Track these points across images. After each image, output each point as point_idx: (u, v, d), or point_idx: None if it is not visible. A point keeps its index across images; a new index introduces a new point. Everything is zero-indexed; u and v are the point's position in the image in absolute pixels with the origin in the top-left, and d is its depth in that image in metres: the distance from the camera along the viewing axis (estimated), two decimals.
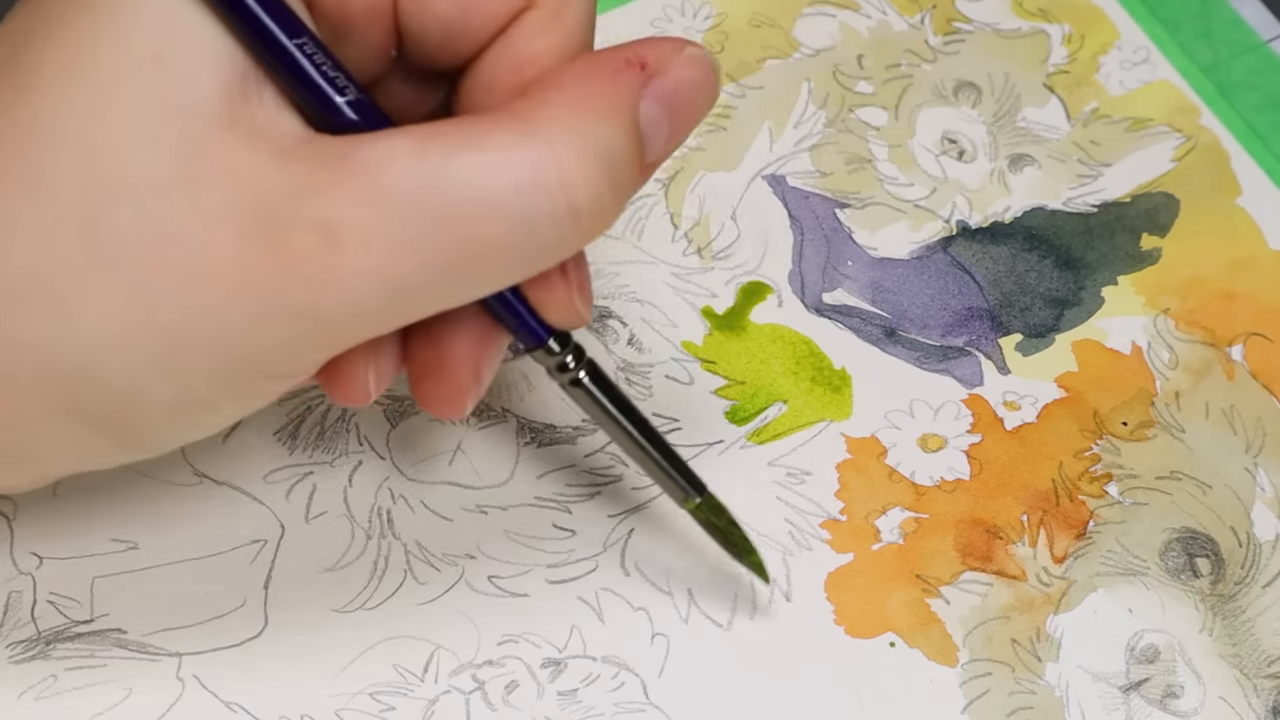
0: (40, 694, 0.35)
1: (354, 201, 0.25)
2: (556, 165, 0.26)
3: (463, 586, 0.37)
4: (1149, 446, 0.40)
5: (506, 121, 0.26)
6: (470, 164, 0.25)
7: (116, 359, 0.26)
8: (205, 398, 0.27)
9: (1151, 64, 0.46)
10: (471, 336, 0.31)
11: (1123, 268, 0.43)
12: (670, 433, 0.39)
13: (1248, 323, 0.42)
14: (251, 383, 0.27)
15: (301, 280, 0.25)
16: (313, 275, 0.25)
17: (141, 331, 0.26)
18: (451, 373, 0.31)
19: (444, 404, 0.31)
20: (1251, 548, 0.38)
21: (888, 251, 0.43)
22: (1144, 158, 0.45)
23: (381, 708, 0.35)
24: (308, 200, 0.25)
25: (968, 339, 0.41)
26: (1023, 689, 0.36)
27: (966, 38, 0.47)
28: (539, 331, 0.30)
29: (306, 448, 0.38)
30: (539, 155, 0.26)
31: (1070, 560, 0.38)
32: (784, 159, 0.44)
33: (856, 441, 0.39)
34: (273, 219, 0.25)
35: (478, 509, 0.38)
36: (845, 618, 0.37)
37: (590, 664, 0.36)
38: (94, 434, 0.28)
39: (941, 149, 0.44)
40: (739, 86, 0.45)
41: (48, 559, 0.36)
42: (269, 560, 0.37)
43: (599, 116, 0.26)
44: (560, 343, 0.31)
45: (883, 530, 0.38)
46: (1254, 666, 0.37)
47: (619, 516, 0.38)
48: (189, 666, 0.35)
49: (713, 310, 0.41)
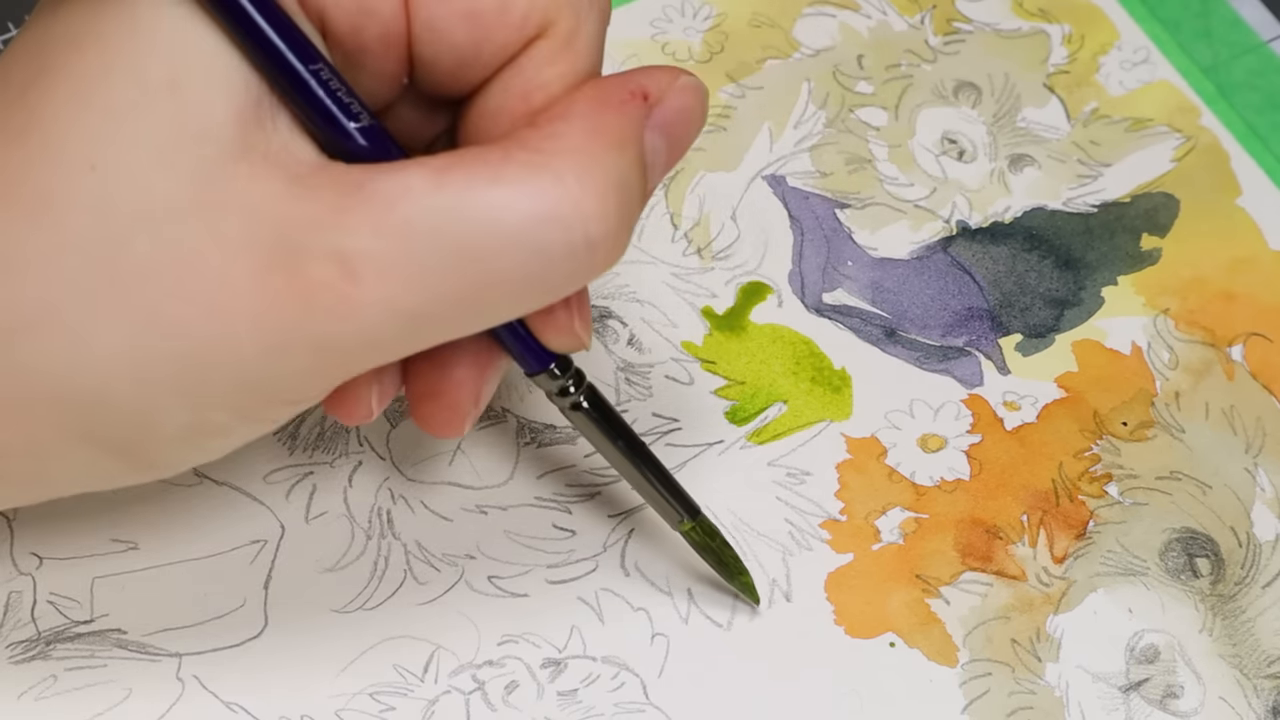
0: (40, 694, 0.35)
1: (371, 233, 0.25)
2: (572, 199, 0.26)
3: (463, 586, 0.37)
4: (1149, 447, 0.40)
5: (518, 154, 0.26)
6: (487, 197, 0.25)
7: (131, 386, 0.26)
8: (219, 423, 0.28)
9: (1151, 64, 0.46)
10: (473, 360, 0.31)
11: (1123, 268, 0.43)
12: (670, 433, 0.39)
13: (1248, 323, 0.42)
14: (265, 409, 0.28)
15: (319, 311, 0.25)
16: (329, 306, 0.25)
17: (158, 359, 0.26)
18: (452, 396, 0.31)
19: (443, 425, 0.32)
20: (1251, 548, 0.38)
21: (888, 251, 0.43)
22: (1144, 158, 0.45)
23: (381, 708, 0.35)
24: (325, 231, 0.25)
25: (968, 339, 0.41)
26: (1023, 689, 0.36)
27: (966, 38, 0.47)
28: (542, 357, 0.31)
29: (306, 448, 0.38)
30: (554, 188, 0.26)
31: (1070, 560, 0.38)
32: (784, 159, 0.44)
33: (856, 441, 0.39)
34: (290, 249, 0.25)
35: (478, 509, 0.38)
36: (845, 618, 0.37)
37: (590, 664, 0.36)
38: (107, 458, 0.28)
39: (941, 149, 0.44)
40: (739, 86, 0.45)
41: (48, 559, 0.36)
42: (269, 560, 0.37)
43: (610, 149, 0.26)
44: (561, 368, 0.31)
45: (883, 530, 0.38)
46: (1254, 666, 0.37)
47: (619, 517, 0.38)
48: (189, 667, 0.35)
49: (713, 310, 0.41)
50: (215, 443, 0.29)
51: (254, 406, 0.28)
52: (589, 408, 0.32)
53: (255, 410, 0.28)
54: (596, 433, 0.33)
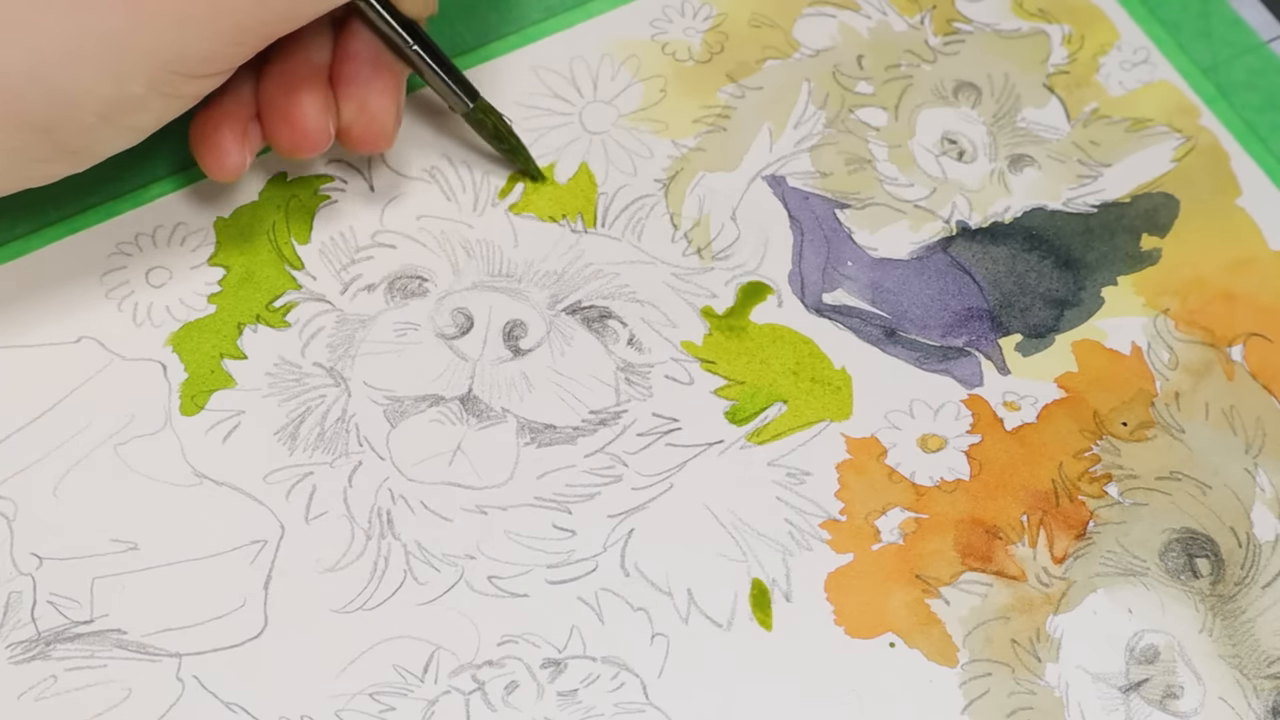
0: (40, 694, 0.35)
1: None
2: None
3: (463, 586, 0.37)
4: (1149, 447, 0.40)
5: None
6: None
7: (62, 67, 0.33)
8: (136, 96, 0.35)
9: (1151, 64, 0.46)
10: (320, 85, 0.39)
11: (1123, 268, 0.43)
12: (670, 433, 0.39)
13: (1248, 323, 0.42)
14: (178, 82, 0.35)
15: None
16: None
17: (85, 37, 0.33)
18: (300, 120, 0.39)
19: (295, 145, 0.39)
20: (1251, 548, 0.38)
21: (888, 252, 0.43)
22: (1144, 158, 0.45)
23: (381, 708, 0.35)
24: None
25: (968, 339, 0.41)
26: (1022, 689, 0.36)
27: (966, 38, 0.47)
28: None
29: (306, 448, 0.38)
30: None
31: (1070, 560, 0.38)
32: (784, 159, 0.44)
33: (856, 442, 0.39)
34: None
35: (478, 509, 0.38)
36: (845, 618, 0.37)
37: (590, 664, 0.36)
38: (37, 139, 0.34)
39: (941, 149, 0.44)
40: (739, 87, 0.45)
41: (48, 559, 0.36)
42: (269, 560, 0.37)
43: None
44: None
45: (883, 530, 0.38)
46: (1254, 667, 0.37)
47: (619, 516, 0.38)
48: (189, 667, 0.35)
49: (713, 310, 0.41)
50: (133, 119, 0.35)
51: (168, 80, 0.35)
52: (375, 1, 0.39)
53: (169, 83, 0.35)
54: (384, 24, 0.39)
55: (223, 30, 0.35)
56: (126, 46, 0.34)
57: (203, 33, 0.35)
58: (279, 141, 0.39)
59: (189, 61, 0.35)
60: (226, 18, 0.35)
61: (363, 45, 0.40)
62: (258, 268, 0.41)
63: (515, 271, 0.41)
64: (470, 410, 0.39)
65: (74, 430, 0.38)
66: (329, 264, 0.41)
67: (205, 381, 0.39)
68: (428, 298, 0.41)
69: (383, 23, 0.39)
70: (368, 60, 0.39)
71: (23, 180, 0.36)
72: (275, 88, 0.39)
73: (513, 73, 0.44)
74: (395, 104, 0.40)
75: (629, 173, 0.43)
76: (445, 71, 0.41)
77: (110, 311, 0.40)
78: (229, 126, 0.39)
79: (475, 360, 0.40)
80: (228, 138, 0.39)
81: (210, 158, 0.39)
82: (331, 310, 0.40)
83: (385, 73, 0.40)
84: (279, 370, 0.39)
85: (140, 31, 0.34)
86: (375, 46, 0.40)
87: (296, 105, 0.39)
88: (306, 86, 0.39)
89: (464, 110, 0.41)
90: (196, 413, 0.39)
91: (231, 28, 0.35)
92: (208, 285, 0.41)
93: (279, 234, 0.42)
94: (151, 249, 0.41)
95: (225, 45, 0.35)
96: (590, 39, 0.46)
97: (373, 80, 0.39)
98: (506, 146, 0.42)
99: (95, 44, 0.34)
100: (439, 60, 0.40)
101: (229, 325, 0.40)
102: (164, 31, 0.34)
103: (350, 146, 0.40)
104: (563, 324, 0.40)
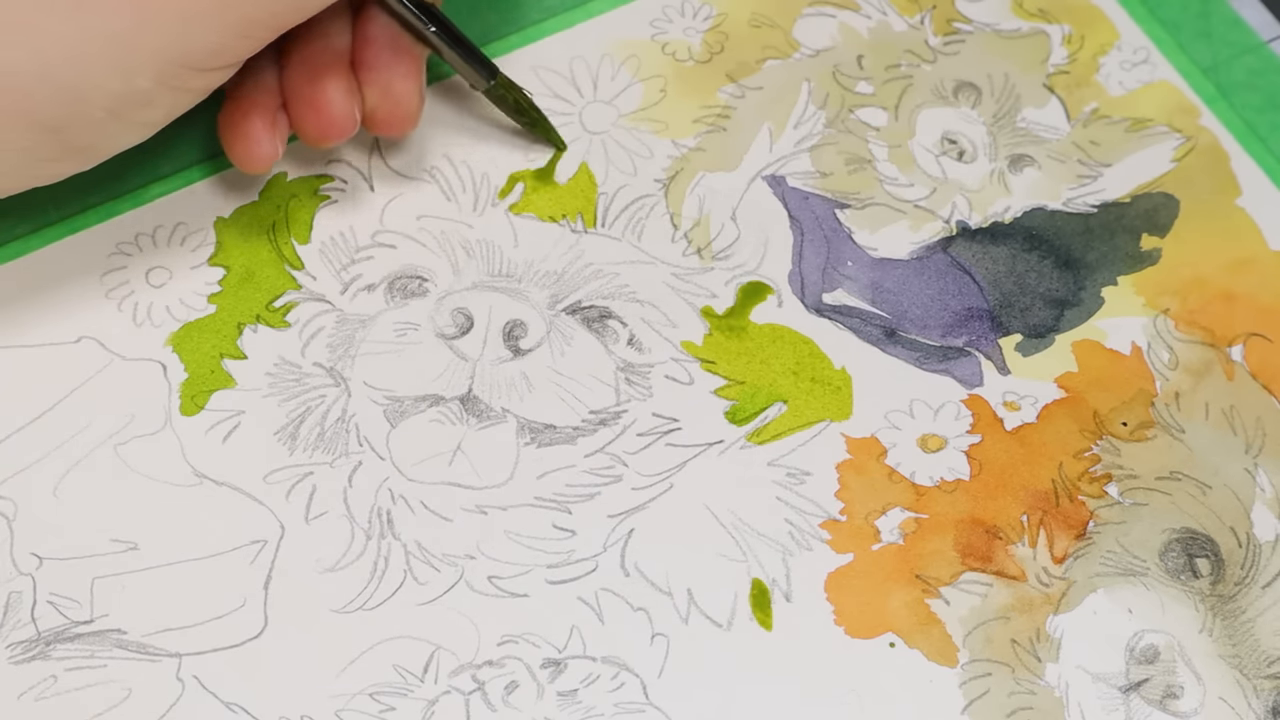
0: (40, 694, 0.35)
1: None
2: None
3: (463, 586, 0.37)
4: (1149, 447, 0.40)
5: None
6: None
7: (69, 66, 0.33)
8: (146, 91, 0.35)
9: (1151, 64, 0.46)
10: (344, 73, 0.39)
11: (1123, 268, 0.43)
12: (670, 433, 0.39)
13: (1247, 323, 0.42)
14: (186, 76, 0.35)
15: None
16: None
17: (93, 40, 0.33)
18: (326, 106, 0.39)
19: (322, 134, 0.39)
20: (1251, 548, 0.38)
21: (888, 252, 0.43)
22: (1144, 158, 0.45)
23: (381, 708, 0.35)
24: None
25: (968, 339, 0.41)
26: (1022, 689, 0.36)
27: (966, 38, 0.47)
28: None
29: (306, 448, 0.38)
30: None
31: (1070, 560, 0.38)
32: (784, 159, 0.44)
33: (856, 442, 0.39)
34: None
35: (478, 509, 0.38)
36: (845, 618, 0.37)
37: (590, 664, 0.36)
38: (45, 139, 0.34)
39: (941, 149, 0.44)
40: (739, 87, 0.45)
41: (48, 559, 0.36)
42: (269, 560, 0.37)
43: None
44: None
45: (883, 530, 0.38)
46: (1254, 667, 0.37)
47: (619, 516, 0.38)
48: (189, 667, 0.35)
49: (713, 310, 0.41)
50: (142, 113, 0.35)
51: (174, 74, 0.35)
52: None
53: (175, 78, 0.35)
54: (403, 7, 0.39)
55: (230, 23, 0.35)
56: (133, 44, 0.34)
57: (210, 27, 0.35)
58: (306, 129, 0.39)
59: (196, 56, 0.35)
60: (233, 11, 0.35)
61: (381, 29, 0.40)
62: (258, 268, 0.41)
63: (515, 271, 0.41)
64: (470, 410, 0.39)
65: (74, 430, 0.38)
66: (329, 264, 0.41)
67: (205, 381, 0.39)
68: (428, 298, 0.41)
69: (400, 5, 0.39)
70: (387, 44, 0.40)
71: (30, 179, 0.36)
72: (299, 76, 0.39)
73: (513, 73, 0.44)
74: (418, 86, 0.40)
75: (629, 173, 0.43)
76: (464, 50, 0.41)
77: (110, 311, 0.40)
78: (258, 115, 0.39)
79: (475, 360, 0.40)
80: (258, 126, 0.39)
81: (240, 148, 0.39)
82: (331, 310, 0.40)
83: (406, 55, 0.40)
84: (279, 370, 0.39)
85: (146, 29, 0.34)
86: (393, 30, 0.40)
87: (322, 93, 0.39)
88: (330, 74, 0.39)
89: (485, 87, 0.42)
90: (196, 413, 0.39)
91: (239, 20, 0.35)
92: (208, 285, 0.41)
93: (279, 234, 0.42)
94: (151, 249, 0.41)
95: (233, 38, 0.35)
96: (590, 39, 0.46)
97: (394, 64, 0.39)
98: (528, 120, 0.43)
99: (101, 44, 0.34)
100: (457, 40, 0.41)
101: (229, 325, 0.40)
102: (170, 27, 0.34)
103: (376, 130, 0.40)
104: (563, 324, 0.40)
